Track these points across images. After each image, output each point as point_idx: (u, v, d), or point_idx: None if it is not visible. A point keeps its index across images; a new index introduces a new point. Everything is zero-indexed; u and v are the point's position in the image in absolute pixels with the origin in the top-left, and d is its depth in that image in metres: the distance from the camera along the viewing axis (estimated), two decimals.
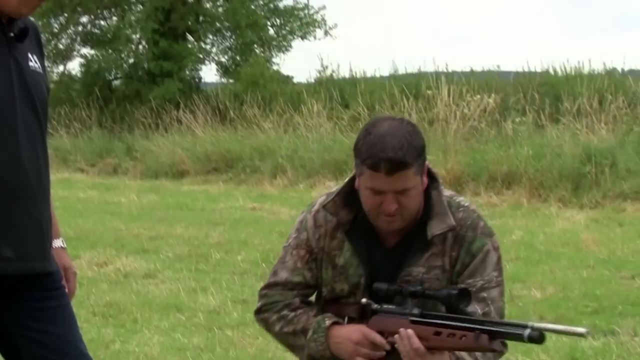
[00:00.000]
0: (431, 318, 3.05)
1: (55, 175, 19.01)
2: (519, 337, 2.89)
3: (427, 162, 3.22)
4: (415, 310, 3.09)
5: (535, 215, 11.93)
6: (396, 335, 3.06)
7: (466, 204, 3.31)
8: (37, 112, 3.34)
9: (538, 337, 2.87)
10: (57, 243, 3.57)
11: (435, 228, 3.20)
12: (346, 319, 3.27)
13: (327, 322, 3.26)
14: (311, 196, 14.39)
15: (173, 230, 11.44)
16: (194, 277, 8.71)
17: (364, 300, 3.22)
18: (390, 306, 3.16)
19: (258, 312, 3.44)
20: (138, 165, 19.22)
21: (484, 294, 3.20)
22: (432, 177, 3.26)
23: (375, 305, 3.19)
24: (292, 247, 3.38)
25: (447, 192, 3.30)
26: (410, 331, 3.03)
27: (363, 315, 3.23)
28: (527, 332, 2.86)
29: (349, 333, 3.21)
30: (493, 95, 15.73)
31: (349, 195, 3.27)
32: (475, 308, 3.14)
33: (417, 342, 3.01)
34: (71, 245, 10.41)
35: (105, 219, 12.77)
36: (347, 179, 3.32)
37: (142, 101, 22.21)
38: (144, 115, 21.09)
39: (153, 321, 7.19)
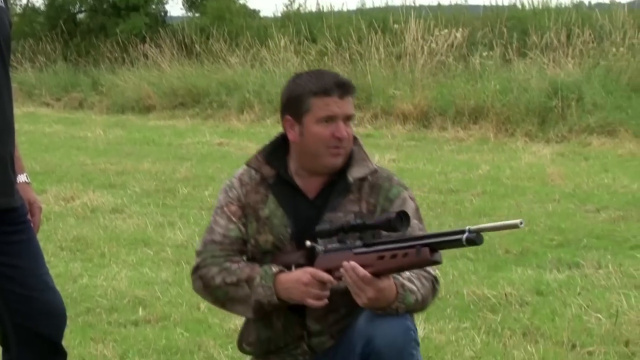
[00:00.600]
0: (373, 245, 3.13)
1: (20, 110, 18.85)
2: (458, 243, 2.97)
3: None
4: (358, 242, 3.17)
5: (502, 150, 11.98)
6: (341, 269, 3.13)
7: (380, 166, 3.49)
8: None
9: (475, 238, 2.95)
10: (22, 178, 3.56)
11: (356, 172, 3.38)
12: (293, 267, 3.31)
13: (275, 269, 3.31)
14: (278, 131, 14.31)
15: (140, 165, 11.41)
16: (161, 212, 8.71)
17: (308, 243, 3.28)
18: (334, 245, 3.24)
19: (195, 270, 3.46)
20: (104, 99, 19.08)
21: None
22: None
23: (319, 247, 3.27)
24: (222, 206, 3.46)
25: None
26: (352, 263, 3.10)
27: (309, 261, 3.29)
28: (465, 235, 2.95)
29: (298, 276, 3.26)
30: (461, 29, 15.69)
31: (270, 153, 3.45)
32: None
33: (361, 271, 3.08)
34: (37, 180, 10.43)
35: (72, 154, 12.71)
36: (267, 143, 3.50)
37: (108, 35, 21.98)
38: (109, 49, 20.89)
39: (121, 256, 7.20)
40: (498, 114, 13.07)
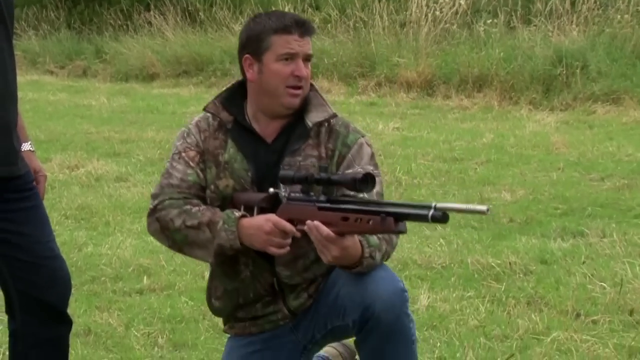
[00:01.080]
0: (338, 203, 3.12)
1: (25, 78, 18.82)
2: (423, 218, 2.95)
3: None
4: (322, 197, 3.17)
5: (506, 118, 11.96)
6: (305, 227, 3.12)
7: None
8: (2, 13, 3.29)
9: (441, 217, 2.92)
10: (26, 146, 3.56)
11: (315, 117, 3.39)
12: (256, 209, 3.30)
13: (237, 214, 3.29)
14: None
15: (144, 133, 11.40)
16: None
17: (271, 190, 3.28)
18: (298, 194, 3.23)
19: (152, 212, 3.41)
20: (108, 67, 19.03)
21: None
22: None
23: (283, 193, 3.26)
24: (180, 152, 3.44)
25: None
26: (316, 222, 3.08)
27: (273, 206, 3.28)
28: (431, 212, 2.92)
29: (260, 223, 3.24)
30: None
31: (227, 99, 3.47)
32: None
33: (325, 230, 3.07)
34: (42, 148, 10.45)
35: (76, 122, 12.71)
36: (224, 89, 3.52)
37: (111, 2, 21.89)
38: (113, 16, 20.82)
39: (125, 224, 7.21)
40: (502, 82, 13.03)
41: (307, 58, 3.37)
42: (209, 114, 3.47)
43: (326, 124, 3.41)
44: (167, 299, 5.46)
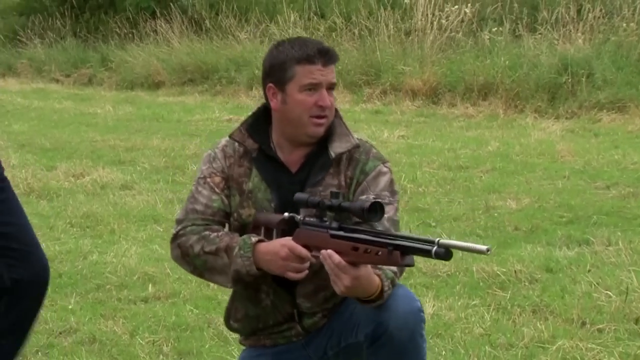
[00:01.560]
0: (349, 231, 3.12)
1: (30, 86, 18.88)
2: (427, 254, 2.95)
3: None
4: (334, 224, 3.17)
5: (511, 126, 11.95)
6: (320, 256, 3.12)
7: (361, 137, 3.48)
8: None
9: (444, 254, 2.92)
10: None
11: (338, 148, 3.38)
12: (275, 232, 3.31)
13: (254, 239, 3.30)
14: None
15: (149, 141, 11.41)
16: (170, 189, 8.72)
17: (286, 214, 3.29)
18: (311, 219, 3.23)
19: (174, 238, 3.46)
20: (113, 75, 19.05)
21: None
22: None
23: (298, 217, 3.26)
24: (205, 176, 3.46)
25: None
26: (329, 251, 3.08)
27: (291, 229, 3.29)
28: (434, 249, 2.92)
29: (276, 249, 3.25)
30: (470, 4, 15.61)
31: (253, 126, 3.45)
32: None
33: (337, 258, 3.07)
34: (47, 156, 10.48)
35: (81, 130, 12.72)
36: (249, 115, 3.49)
37: (117, 10, 21.91)
38: (119, 25, 20.84)
39: (130, 232, 7.21)
40: (507, 90, 13.02)
41: (330, 87, 3.37)
42: (234, 141, 3.46)
43: (347, 152, 3.41)
44: (172, 307, 5.46)
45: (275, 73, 3.37)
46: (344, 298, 3.34)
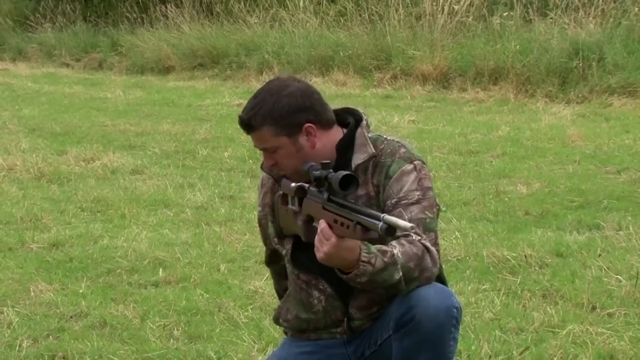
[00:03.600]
0: (336, 204, 3.10)
1: (40, 70, 18.91)
2: (375, 229, 2.92)
3: (307, 124, 3.34)
4: (325, 195, 3.16)
5: (522, 111, 11.93)
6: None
7: (391, 138, 3.45)
8: None
9: (386, 230, 2.88)
10: None
11: (357, 159, 3.38)
12: (289, 198, 3.34)
13: None
14: None
15: (159, 126, 11.42)
16: (181, 174, 8.73)
17: (293, 184, 3.30)
18: (313, 189, 3.22)
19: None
20: (123, 60, 19.07)
21: (400, 210, 3.26)
22: (357, 119, 3.44)
23: (306, 187, 3.26)
24: (257, 219, 3.68)
25: (378, 134, 3.45)
26: (322, 219, 3.10)
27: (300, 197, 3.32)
28: (379, 224, 2.89)
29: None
30: None
31: None
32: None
33: (323, 224, 3.08)
34: (58, 141, 10.50)
35: (92, 115, 12.74)
36: None
37: None
38: (129, 9, 20.83)
39: (141, 217, 7.23)
40: (518, 75, 12.99)
41: (267, 149, 3.37)
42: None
43: (371, 161, 3.38)
44: (182, 292, 5.47)
45: None
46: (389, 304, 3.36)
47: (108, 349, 4.62)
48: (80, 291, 5.50)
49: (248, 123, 3.34)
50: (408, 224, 2.87)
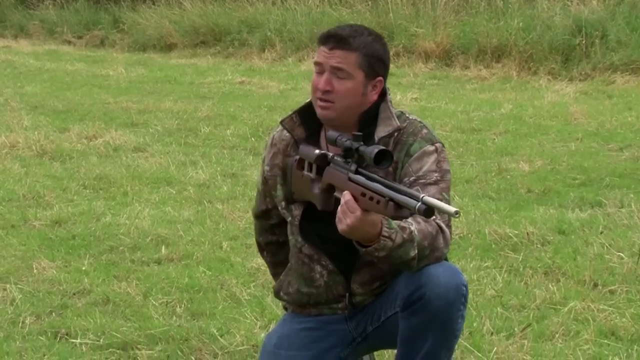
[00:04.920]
0: (364, 177, 3.08)
1: (42, 47, 18.87)
2: (413, 209, 2.89)
3: (381, 78, 3.37)
4: (353, 167, 3.14)
5: (525, 88, 11.91)
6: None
7: (413, 117, 3.45)
8: None
9: (424, 210, 2.85)
10: None
11: (381, 132, 3.36)
12: (306, 164, 3.30)
13: None
14: (300, 70, 14.32)
15: (162, 104, 11.42)
16: (183, 151, 8.73)
17: (317, 151, 3.26)
18: (338, 158, 3.20)
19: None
20: (125, 37, 19.04)
21: (417, 188, 3.22)
22: (384, 95, 3.42)
23: (330, 156, 3.23)
24: (258, 183, 3.66)
25: (400, 110, 3.46)
26: (346, 191, 3.07)
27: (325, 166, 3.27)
28: (417, 205, 2.87)
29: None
30: None
31: (305, 113, 3.43)
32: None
33: (348, 196, 3.05)
34: (60, 118, 10.50)
35: (94, 92, 12.73)
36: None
37: None
38: None
39: (143, 194, 7.23)
40: (521, 52, 12.97)
41: (335, 71, 3.30)
42: (284, 129, 3.47)
43: (395, 134, 3.37)
44: (185, 269, 5.47)
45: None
46: (393, 280, 3.36)
47: (111, 325, 4.63)
48: (83, 268, 5.51)
49: (345, 39, 3.30)
50: (452, 209, 2.83)
